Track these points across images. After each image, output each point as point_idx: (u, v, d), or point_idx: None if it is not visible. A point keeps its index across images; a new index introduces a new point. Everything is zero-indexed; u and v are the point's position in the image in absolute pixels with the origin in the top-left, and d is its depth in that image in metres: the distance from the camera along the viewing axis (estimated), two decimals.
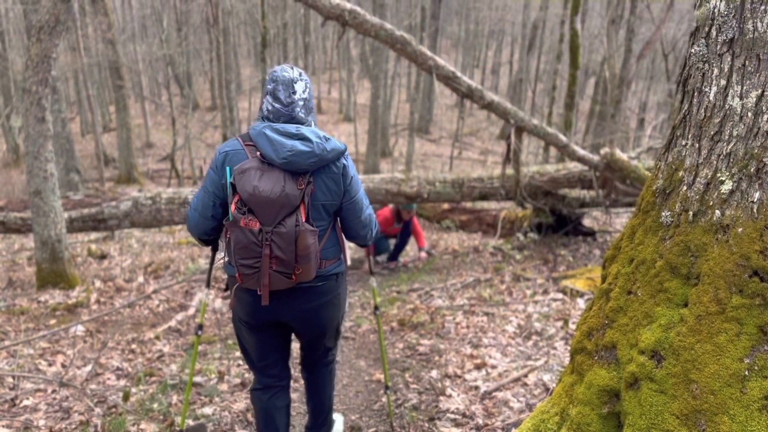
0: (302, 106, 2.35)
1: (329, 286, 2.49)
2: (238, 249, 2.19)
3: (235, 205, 2.18)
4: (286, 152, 2.16)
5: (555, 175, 7.16)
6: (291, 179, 2.19)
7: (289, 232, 2.16)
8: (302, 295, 2.41)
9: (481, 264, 7.28)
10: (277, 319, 2.50)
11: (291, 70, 2.36)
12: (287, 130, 2.22)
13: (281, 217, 2.17)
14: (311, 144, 2.19)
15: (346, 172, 2.36)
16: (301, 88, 2.34)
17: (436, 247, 8.96)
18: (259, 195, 2.13)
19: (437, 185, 7.27)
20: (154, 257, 8.93)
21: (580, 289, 5.55)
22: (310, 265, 2.26)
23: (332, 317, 2.59)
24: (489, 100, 6.25)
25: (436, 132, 31.79)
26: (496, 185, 7.27)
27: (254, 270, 2.21)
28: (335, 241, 2.51)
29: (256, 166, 2.18)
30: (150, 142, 28.88)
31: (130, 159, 23.72)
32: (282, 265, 2.20)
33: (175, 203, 7.10)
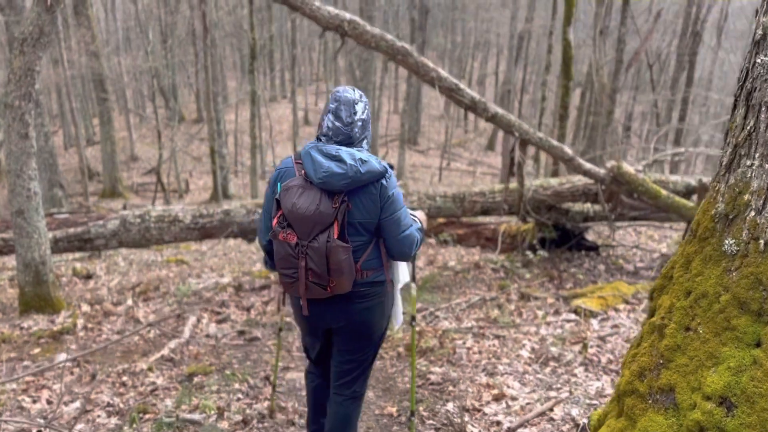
0: (360, 126, 2.49)
1: (372, 291, 2.57)
2: (279, 259, 2.39)
3: (277, 220, 2.37)
4: (322, 173, 2.29)
5: (559, 188, 6.94)
6: (327, 198, 2.32)
7: (321, 247, 2.30)
8: (345, 299, 2.52)
9: (484, 281, 7.03)
10: (325, 326, 2.68)
11: (353, 92, 2.51)
12: (328, 151, 2.34)
13: (315, 232, 2.31)
14: (345, 166, 2.29)
15: (384, 192, 2.42)
16: (361, 109, 2.50)
17: (434, 263, 8.70)
18: (296, 211, 2.30)
19: (437, 200, 7.02)
20: (142, 277, 8.58)
21: (593, 309, 5.31)
22: (343, 279, 2.36)
23: (376, 321, 2.66)
24: (493, 113, 6.03)
25: (424, 143, 31.65)
26: (498, 200, 7.03)
27: (293, 279, 2.38)
28: (378, 254, 2.59)
29: (299, 184, 2.35)
30: (135, 156, 28.43)
31: (115, 173, 23.28)
32: (317, 277, 2.35)
33: (165, 221, 6.79)
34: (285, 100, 35.34)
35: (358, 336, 2.67)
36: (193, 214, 6.85)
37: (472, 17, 35.13)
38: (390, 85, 35.33)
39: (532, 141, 6.16)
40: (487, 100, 6.04)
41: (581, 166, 6.29)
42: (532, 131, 6.15)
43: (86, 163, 27.12)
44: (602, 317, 5.25)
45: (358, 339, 2.69)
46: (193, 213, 6.86)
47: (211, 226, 6.85)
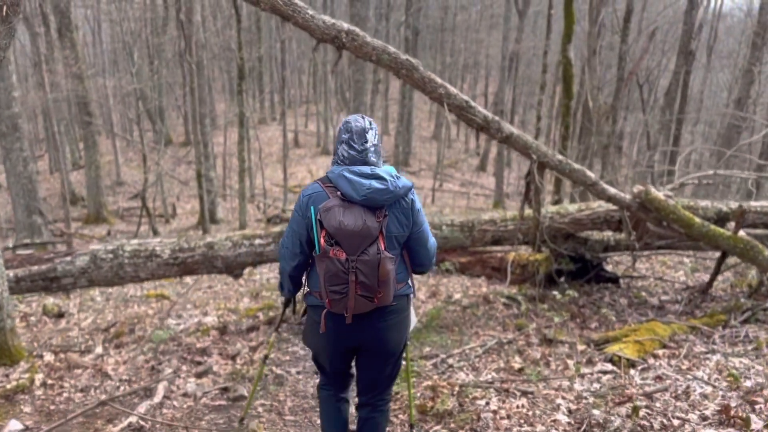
0: (373, 152, 2.62)
1: (401, 305, 2.70)
2: (328, 277, 2.42)
3: (324, 239, 2.43)
4: (365, 190, 2.41)
5: (578, 215, 6.24)
6: (370, 213, 2.44)
7: (372, 260, 2.40)
8: (380, 314, 2.60)
9: (497, 318, 6.28)
10: (357, 343, 2.71)
11: (363, 120, 2.65)
12: (363, 171, 2.48)
13: (364, 246, 2.41)
14: (386, 182, 2.45)
15: (414, 205, 2.63)
16: (372, 136, 2.63)
17: (437, 295, 7.94)
18: (345, 228, 2.38)
19: (444, 229, 6.29)
20: (120, 314, 7.76)
21: (632, 358, 4.57)
22: (389, 288, 2.48)
23: (402, 336, 2.78)
24: (507, 133, 5.33)
25: (416, 164, 31.02)
26: (510, 228, 6.32)
27: (342, 295, 2.43)
28: (404, 267, 2.74)
29: (338, 204, 2.45)
30: (121, 180, 27.57)
31: (99, 197, 22.42)
32: (366, 289, 2.43)
33: (141, 256, 6.00)
34: (275, 123, 34.67)
35: (385, 353, 2.75)
36: (172, 248, 6.07)
37: (462, 38, 34.79)
38: (381, 107, 34.79)
39: (550, 164, 5.46)
40: (502, 120, 5.35)
41: (605, 191, 5.60)
42: (551, 153, 5.46)
43: (70, 188, 26.23)
44: (642, 367, 4.51)
45: (385, 356, 2.76)
46: (173, 247, 6.08)
47: (192, 261, 6.07)
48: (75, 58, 20.08)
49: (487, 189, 28.35)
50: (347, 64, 26.14)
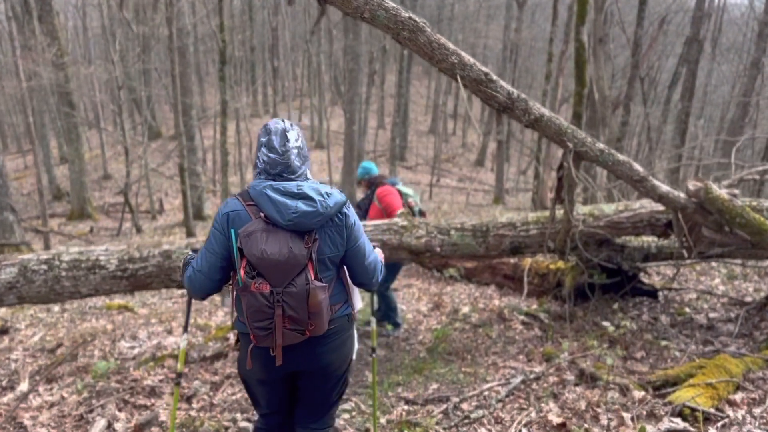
0: (297, 155, 2.31)
1: (341, 326, 2.45)
2: (251, 313, 2.16)
3: (244, 270, 2.16)
4: (291, 214, 2.14)
5: (615, 218, 5.06)
6: (297, 239, 2.17)
7: (300, 292, 2.14)
8: (317, 340, 2.36)
9: (517, 343, 5.10)
10: (293, 370, 2.45)
11: (282, 122, 2.36)
12: (289, 189, 2.19)
13: (291, 277, 2.14)
14: (314, 203, 2.17)
15: (348, 222, 2.34)
16: (294, 137, 2.33)
17: (441, 308, 6.77)
18: (268, 258, 2.10)
19: (453, 234, 5.10)
20: (73, 330, 6.56)
21: (706, 410, 3.39)
22: (322, 320, 2.24)
23: (345, 357, 2.52)
24: (537, 115, 4.14)
25: (412, 159, 29.81)
26: (533, 233, 5.13)
27: (268, 331, 2.19)
28: (341, 287, 2.48)
29: (261, 228, 2.15)
30: (108, 174, 26.24)
31: (84, 193, 21.11)
32: (295, 323, 2.19)
33: (82, 268, 4.80)
34: (268, 116, 33.35)
35: (328, 377, 2.50)
36: (120, 258, 4.87)
37: (460, 29, 33.51)
38: (376, 99, 33.53)
39: (589, 155, 4.27)
40: (529, 98, 4.16)
41: (656, 188, 4.41)
42: (591, 141, 4.28)
43: (55, 183, 24.96)
44: (723, 422, 3.34)
45: (327, 380, 2.51)
46: (121, 256, 4.88)
47: (145, 273, 4.87)
48: (58, 47, 18.78)
49: (486, 185, 27.17)
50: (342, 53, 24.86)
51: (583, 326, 5.26)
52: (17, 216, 14.45)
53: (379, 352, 5.33)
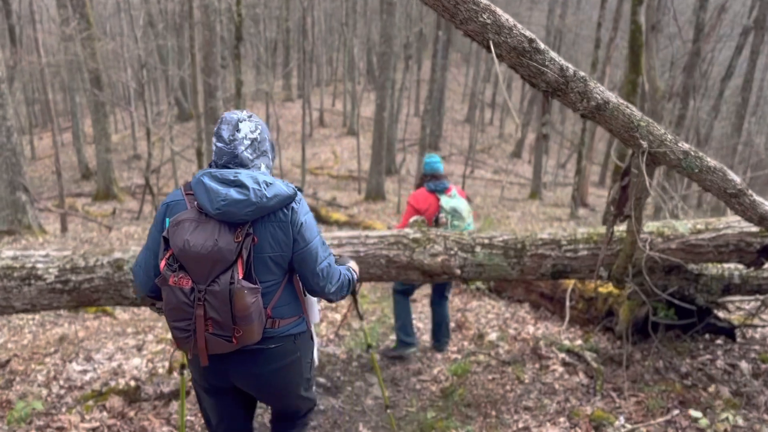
0: (248, 146, 2.10)
1: (285, 348, 2.15)
2: (169, 310, 1.96)
3: (166, 261, 1.96)
4: (220, 202, 1.91)
5: (692, 240, 3.82)
6: (227, 231, 1.94)
7: (223, 291, 1.89)
8: (252, 358, 2.10)
9: (555, 394, 3.93)
10: (231, 384, 2.20)
11: (240, 113, 2.15)
12: (225, 176, 1.97)
13: (215, 274, 1.91)
14: (247, 191, 1.93)
15: (295, 218, 2.07)
16: (248, 128, 2.11)
17: (463, 329, 5.62)
18: (190, 250, 1.89)
19: (478, 253, 3.94)
20: (39, 337, 5.64)
21: None
22: (251, 327, 1.97)
23: (291, 384, 2.26)
24: (599, 101, 2.94)
25: (446, 148, 28.47)
26: (582, 254, 3.93)
27: (187, 333, 1.95)
28: (292, 297, 2.19)
29: (192, 217, 1.96)
30: (137, 154, 25.64)
31: (109, 173, 20.48)
32: (219, 327, 1.94)
33: (15, 277, 3.82)
34: (300, 100, 32.39)
35: (274, 397, 2.32)
36: (60, 267, 3.86)
37: None
38: (411, 86, 32.20)
39: (669, 159, 3.06)
40: (588, 77, 2.98)
41: (756, 206, 3.18)
42: (671, 140, 3.06)
43: (84, 163, 24.47)
44: None
45: (276, 400, 2.34)
46: (62, 264, 3.87)
47: (90, 287, 3.85)
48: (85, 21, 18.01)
49: (522, 177, 25.71)
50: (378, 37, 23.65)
51: (643, 375, 4.05)
52: (30, 196, 13.74)
53: (379, 391, 4.23)
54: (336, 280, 2.20)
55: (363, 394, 4.16)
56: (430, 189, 4.55)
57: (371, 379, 4.42)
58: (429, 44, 31.30)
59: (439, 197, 4.50)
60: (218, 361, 2.07)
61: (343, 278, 2.25)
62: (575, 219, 16.08)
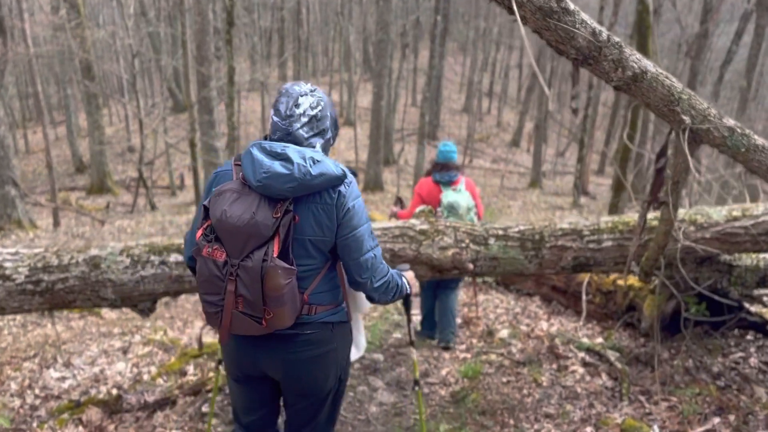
0: (305, 123, 1.94)
1: (321, 336, 2.00)
2: (201, 282, 1.87)
3: (203, 231, 1.86)
4: (262, 174, 1.77)
5: (728, 228, 3.44)
6: (267, 206, 1.80)
7: (255, 267, 1.75)
8: (284, 342, 1.97)
9: (578, 399, 3.56)
10: (261, 372, 2.06)
11: (303, 86, 1.99)
12: (273, 148, 1.83)
13: (249, 248, 1.78)
14: (291, 166, 1.78)
15: (342, 202, 1.90)
16: (309, 103, 1.94)
17: (471, 326, 5.26)
18: (226, 221, 1.78)
19: (492, 245, 3.56)
20: (20, 339, 5.27)
21: None
22: (283, 310, 1.82)
23: (324, 376, 2.06)
24: (637, 70, 2.55)
25: (444, 138, 28.01)
26: (606, 245, 3.55)
27: (217, 308, 1.86)
28: (333, 284, 2.03)
29: (235, 188, 1.84)
30: (132, 147, 25.14)
31: (103, 166, 20.03)
32: (249, 306, 1.81)
33: None
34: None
35: (302, 393, 2.09)
36: (32, 266, 3.47)
37: None
38: (408, 75, 31.73)
39: (712, 136, 2.67)
40: (624, 43, 2.59)
41: None
42: (716, 115, 2.68)
43: (78, 156, 24.00)
44: None
45: (302, 395, 2.10)
46: (33, 263, 3.48)
47: (65, 287, 3.46)
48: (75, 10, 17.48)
49: (521, 166, 25.32)
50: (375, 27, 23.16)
51: (672, 376, 3.68)
52: (20, 191, 13.32)
53: (386, 397, 3.86)
54: (382, 276, 2.03)
55: (367, 401, 3.79)
56: (435, 180, 4.34)
57: (375, 383, 4.05)
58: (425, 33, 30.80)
59: (443, 190, 4.27)
60: (249, 345, 1.98)
61: (392, 279, 2.08)
62: (577, 207, 15.73)
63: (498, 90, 37.09)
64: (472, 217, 4.27)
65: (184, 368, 4.01)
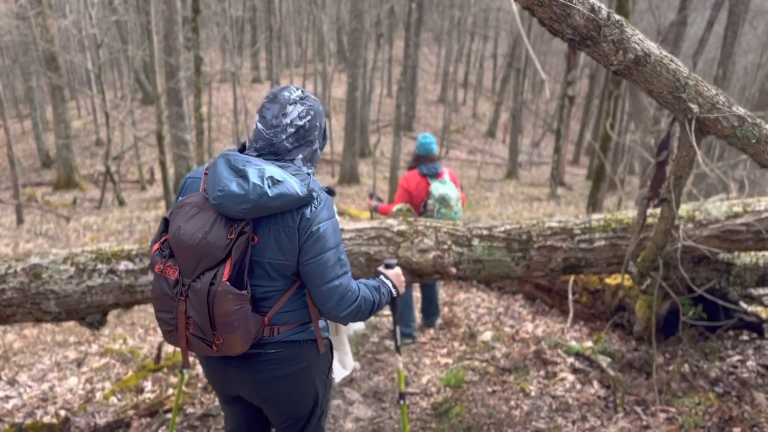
0: (292, 134, 1.82)
1: (288, 354, 1.85)
2: (154, 298, 1.77)
3: (159, 245, 1.78)
4: (217, 192, 1.66)
5: (729, 225, 3.18)
6: (223, 225, 1.67)
7: (202, 290, 1.63)
8: (250, 362, 1.84)
9: (569, 411, 3.28)
10: (236, 393, 1.97)
11: (294, 92, 1.84)
12: (236, 163, 1.70)
13: (201, 269, 1.66)
14: (247, 186, 1.63)
15: (304, 225, 1.73)
16: (297, 113, 1.82)
17: (453, 328, 4.97)
18: (179, 238, 1.68)
19: (476, 246, 3.26)
20: None
21: None
22: (233, 337, 1.68)
23: (301, 395, 1.93)
24: (639, 53, 2.26)
25: (420, 129, 27.73)
26: (599, 245, 3.28)
27: (170, 327, 1.74)
28: (301, 304, 1.87)
29: (196, 202, 1.74)
30: (100, 140, 24.34)
31: (70, 161, 19.33)
32: (198, 329, 1.68)
33: None
34: (270, 82, 31.27)
35: (282, 413, 1.97)
36: None
37: None
38: (383, 66, 31.32)
39: (721, 126, 2.40)
40: (626, 21, 2.30)
41: None
42: (725, 102, 2.41)
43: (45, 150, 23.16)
44: None
45: (284, 416, 1.98)
46: None
47: (2, 300, 3.08)
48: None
49: (497, 157, 25.16)
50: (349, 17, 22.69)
51: (669, 383, 3.43)
52: None
53: (363, 411, 3.55)
54: (349, 305, 1.82)
55: (342, 416, 3.47)
56: (422, 173, 4.28)
57: (351, 395, 3.74)
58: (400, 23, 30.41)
59: (431, 182, 4.24)
60: (220, 364, 1.87)
61: (364, 302, 1.86)
62: (555, 198, 15.57)
63: (473, 80, 36.89)
64: (460, 207, 4.30)
65: (141, 384, 3.65)
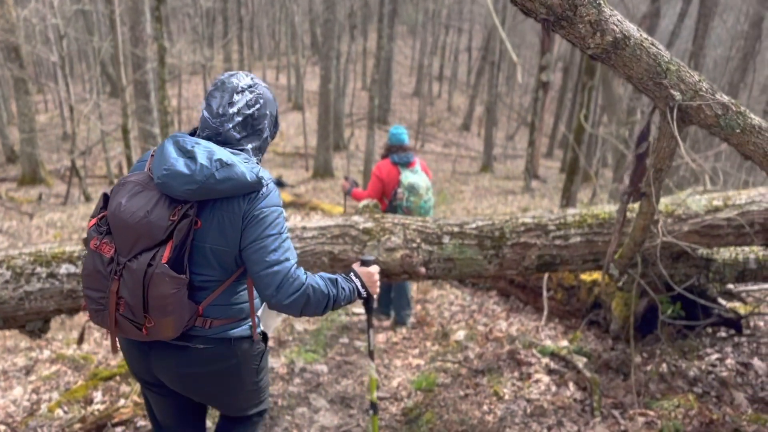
0: (239, 123, 1.75)
1: (217, 351, 1.77)
2: (85, 275, 1.71)
3: (96, 221, 1.72)
4: (163, 170, 1.60)
5: (709, 220, 3.04)
6: (166, 206, 1.62)
7: (139, 271, 1.58)
8: (175, 355, 1.76)
9: (545, 416, 3.12)
10: (157, 380, 1.85)
11: (242, 78, 1.78)
12: (184, 144, 1.65)
13: (138, 249, 1.61)
14: (194, 166, 1.58)
15: (248, 211, 1.68)
16: (245, 101, 1.74)
17: (426, 327, 4.79)
18: (119, 215, 1.62)
19: (447, 244, 3.07)
20: None
21: None
22: (166, 321, 1.63)
23: (230, 394, 1.89)
24: (618, 35, 2.07)
25: (395, 122, 27.51)
26: (574, 241, 3.11)
27: (99, 306, 1.69)
28: (238, 298, 1.80)
29: (140, 180, 1.68)
30: (68, 134, 23.63)
31: (35, 156, 18.72)
32: (129, 310, 1.63)
33: None
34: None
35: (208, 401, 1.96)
36: None
37: None
38: (357, 59, 31.01)
39: (704, 115, 2.24)
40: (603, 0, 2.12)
41: None
42: (708, 88, 2.25)
43: (9, 145, 22.42)
44: None
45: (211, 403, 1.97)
46: None
47: None
48: None
49: (472, 150, 25.08)
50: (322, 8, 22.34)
51: (647, 384, 3.29)
52: None
53: (329, 419, 3.35)
54: (292, 292, 1.69)
55: (306, 425, 3.27)
56: (393, 161, 4.35)
57: (317, 402, 3.53)
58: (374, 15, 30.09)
59: (401, 171, 4.31)
60: (140, 349, 1.78)
61: (313, 291, 1.73)
62: (529, 191, 15.50)
63: (448, 74, 36.76)
64: (430, 197, 4.34)
65: (90, 395, 3.39)
